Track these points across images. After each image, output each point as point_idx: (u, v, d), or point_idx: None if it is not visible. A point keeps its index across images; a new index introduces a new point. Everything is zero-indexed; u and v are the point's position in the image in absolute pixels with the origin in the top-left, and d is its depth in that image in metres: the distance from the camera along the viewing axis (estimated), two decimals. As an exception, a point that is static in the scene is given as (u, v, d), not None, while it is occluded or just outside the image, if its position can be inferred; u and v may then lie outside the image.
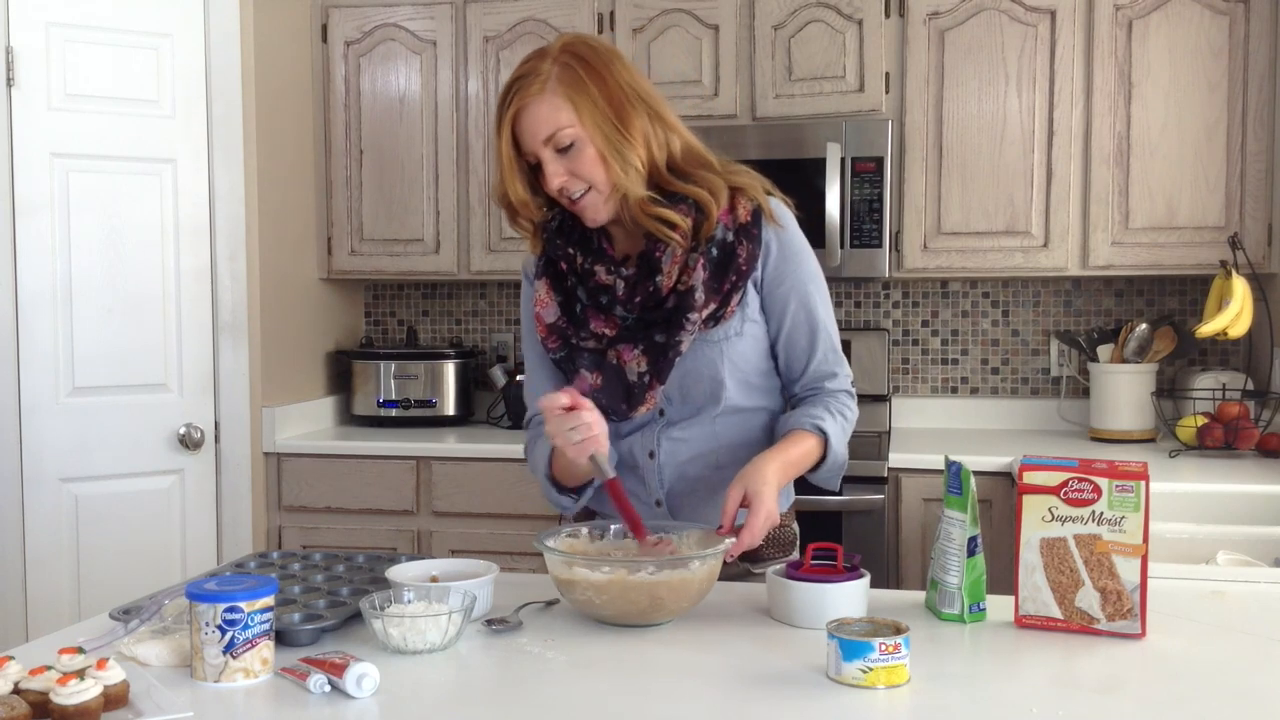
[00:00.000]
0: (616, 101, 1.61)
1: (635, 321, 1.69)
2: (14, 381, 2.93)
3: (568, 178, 1.63)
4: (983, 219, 3.25)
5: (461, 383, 3.67)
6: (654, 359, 1.67)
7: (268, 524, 3.36)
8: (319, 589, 1.60)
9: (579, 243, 1.72)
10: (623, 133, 1.61)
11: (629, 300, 1.68)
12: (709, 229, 1.66)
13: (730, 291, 1.68)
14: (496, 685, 1.33)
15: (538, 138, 1.61)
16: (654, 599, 1.46)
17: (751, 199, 1.70)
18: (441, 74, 3.53)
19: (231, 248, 3.21)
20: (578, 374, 1.70)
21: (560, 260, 1.73)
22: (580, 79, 1.60)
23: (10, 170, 2.90)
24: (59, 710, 1.15)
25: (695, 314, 1.65)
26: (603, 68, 1.62)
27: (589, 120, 1.60)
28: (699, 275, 1.65)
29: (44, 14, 2.93)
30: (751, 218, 1.69)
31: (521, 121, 1.61)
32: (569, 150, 1.61)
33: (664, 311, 1.67)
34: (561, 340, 1.73)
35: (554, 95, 1.59)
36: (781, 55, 3.32)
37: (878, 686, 1.24)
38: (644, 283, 1.67)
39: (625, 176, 1.62)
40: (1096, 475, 1.44)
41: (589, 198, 1.64)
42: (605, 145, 1.60)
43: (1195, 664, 1.35)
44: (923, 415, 3.62)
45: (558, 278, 1.74)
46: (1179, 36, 3.12)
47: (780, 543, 1.81)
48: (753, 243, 1.69)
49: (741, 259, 1.68)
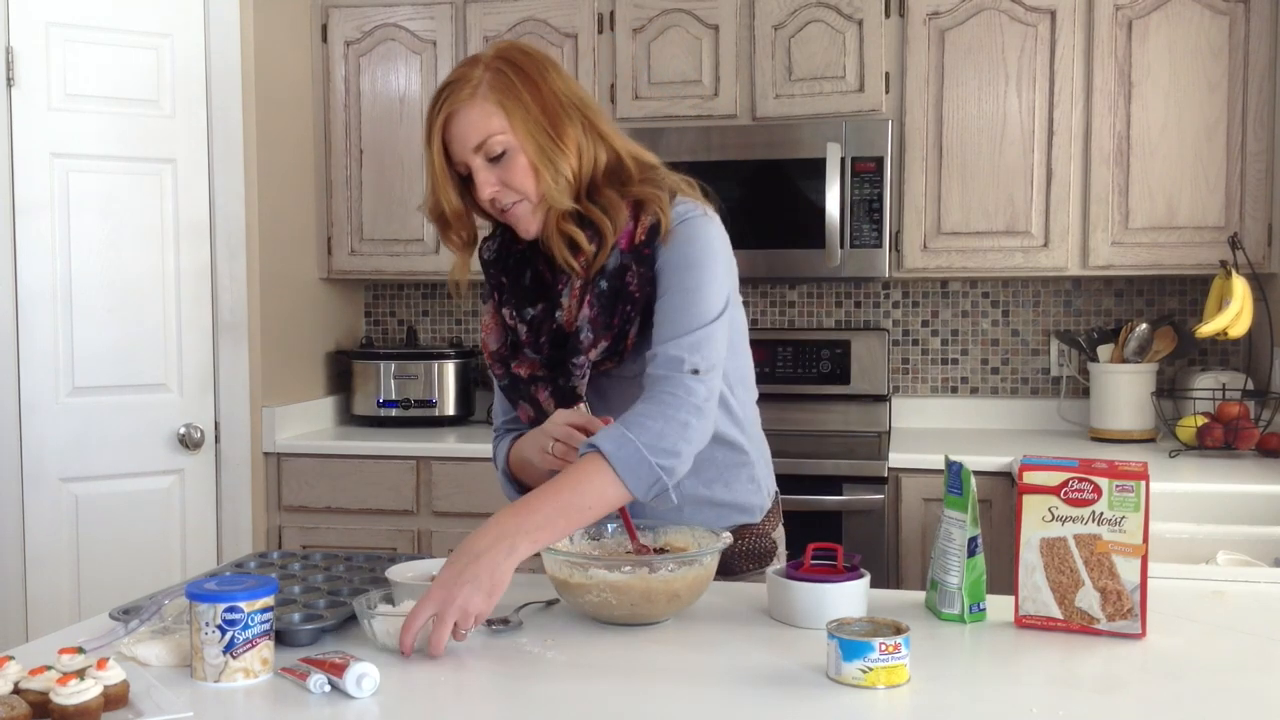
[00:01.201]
0: (550, 109, 1.55)
1: (544, 361, 1.63)
2: (14, 381, 2.93)
3: (499, 188, 1.56)
4: (983, 219, 3.25)
5: (461, 383, 3.67)
6: (559, 401, 1.62)
7: (268, 524, 3.36)
8: (319, 589, 1.59)
9: (511, 271, 1.66)
10: (556, 141, 1.55)
11: (535, 342, 1.63)
12: (602, 258, 1.57)
13: (624, 324, 1.58)
14: (496, 685, 1.33)
15: (468, 145, 1.54)
16: (672, 595, 1.46)
17: (651, 213, 1.58)
18: (441, 74, 3.53)
19: (231, 248, 3.21)
20: (519, 405, 1.68)
21: (495, 290, 1.68)
22: (512, 84, 1.54)
23: (10, 170, 2.90)
24: (59, 710, 1.15)
25: (581, 356, 1.58)
26: (536, 74, 1.56)
27: (521, 128, 1.53)
28: (584, 313, 1.57)
29: (44, 14, 2.93)
30: (646, 236, 1.57)
31: (451, 128, 1.55)
32: (500, 159, 1.55)
33: (564, 351, 1.59)
34: (504, 369, 1.69)
35: (485, 101, 1.53)
36: (781, 55, 3.32)
37: (878, 686, 1.24)
38: (547, 322, 1.61)
39: (555, 186, 1.55)
40: (1096, 475, 1.44)
41: (519, 208, 1.58)
42: (537, 154, 1.54)
43: (1195, 664, 1.35)
44: (923, 415, 3.62)
45: (497, 306, 1.70)
46: (1179, 36, 3.12)
47: (756, 555, 1.75)
48: (644, 264, 1.57)
49: (632, 286, 1.57)
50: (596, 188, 1.59)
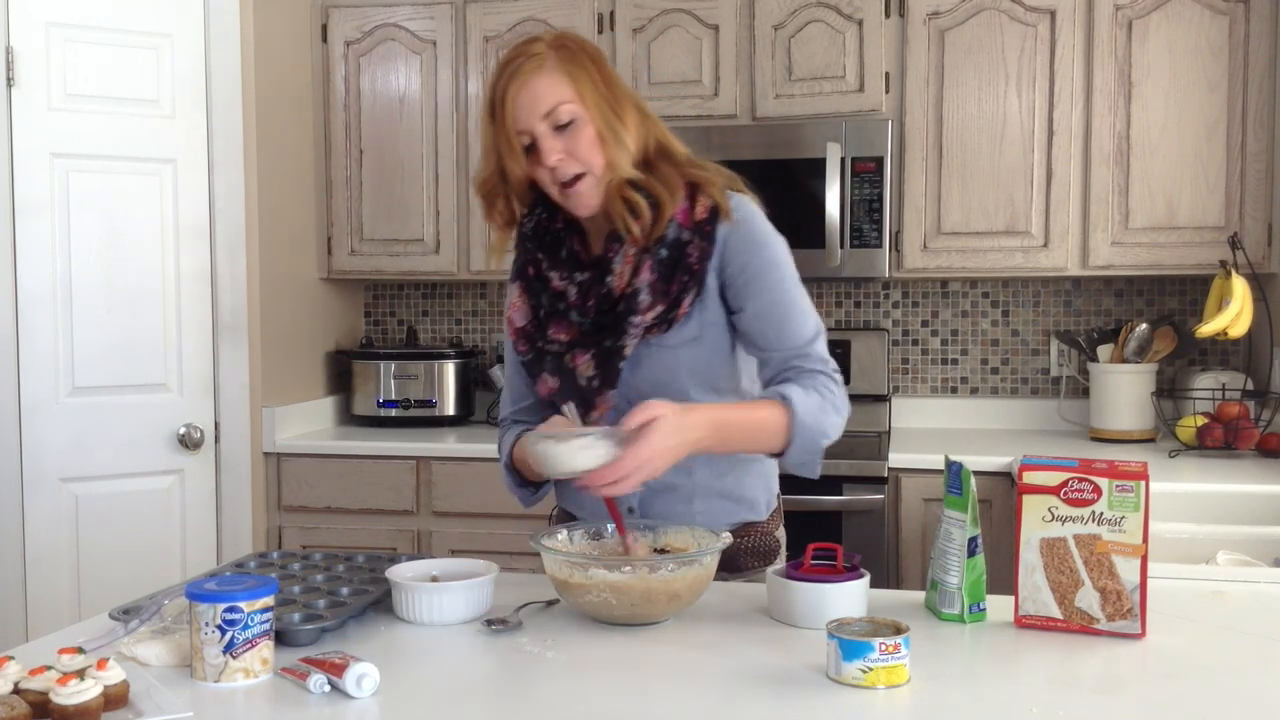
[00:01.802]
0: (612, 85, 1.63)
1: (590, 326, 1.67)
2: (14, 381, 2.93)
3: (564, 156, 1.60)
4: (983, 219, 3.25)
5: (461, 383, 3.67)
6: (601, 363, 1.65)
7: (268, 524, 3.36)
8: (319, 589, 1.60)
9: (548, 247, 1.71)
10: (618, 115, 1.62)
11: (582, 305, 1.67)
12: (660, 229, 1.63)
13: (680, 293, 1.64)
14: (496, 685, 1.33)
15: (536, 112, 1.58)
16: (672, 595, 1.47)
17: (710, 196, 1.66)
18: (441, 74, 3.53)
19: (231, 248, 3.21)
20: (540, 378, 1.71)
21: (529, 265, 1.73)
22: (579, 58, 1.61)
23: (10, 170, 2.90)
24: (59, 710, 1.15)
25: (638, 316, 1.63)
26: (596, 56, 1.64)
27: (589, 98, 1.60)
28: (644, 277, 1.63)
29: (44, 14, 2.93)
30: (708, 215, 1.65)
31: (520, 96, 1.58)
32: (567, 128, 1.59)
33: (614, 315, 1.65)
34: (529, 344, 1.73)
35: (554, 72, 1.59)
36: (781, 55, 3.32)
37: (878, 686, 1.24)
38: (596, 286, 1.66)
39: (618, 154, 1.61)
40: (1096, 475, 1.44)
41: (582, 183, 1.62)
42: (604, 124, 1.60)
43: (1195, 664, 1.35)
44: (923, 415, 3.62)
45: (528, 282, 1.75)
46: (1179, 36, 3.12)
47: (761, 552, 1.78)
48: (706, 240, 1.64)
49: (693, 258, 1.64)
50: (651, 163, 1.66)
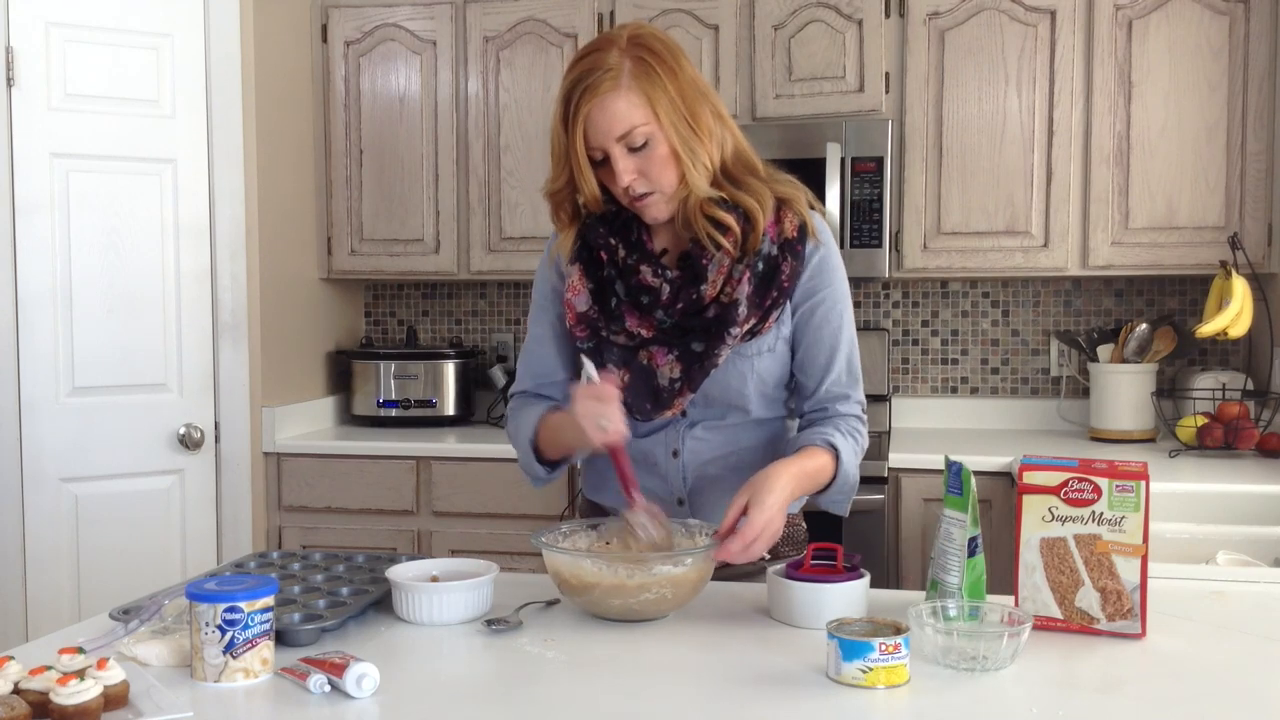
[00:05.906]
0: (688, 97, 1.58)
1: (673, 326, 1.67)
2: (14, 381, 2.93)
3: (637, 176, 1.59)
4: (983, 219, 3.25)
5: (461, 383, 3.67)
6: (688, 366, 1.66)
7: (268, 524, 3.36)
8: (319, 589, 1.59)
9: (619, 233, 1.69)
10: (695, 130, 1.58)
11: (671, 305, 1.66)
12: (755, 242, 1.63)
13: (771, 308, 1.66)
14: (496, 685, 1.33)
15: (611, 135, 1.56)
16: (671, 593, 1.47)
17: (798, 213, 1.67)
18: (441, 74, 3.53)
19: (231, 248, 3.21)
20: (604, 368, 1.68)
21: (600, 249, 1.70)
22: (655, 73, 1.56)
23: (10, 170, 2.90)
24: (59, 710, 1.15)
25: (737, 328, 1.64)
26: (673, 62, 1.58)
27: (665, 119, 1.56)
28: (744, 289, 1.63)
29: (44, 14, 2.93)
30: (798, 234, 1.66)
31: (594, 117, 1.56)
32: (642, 149, 1.58)
33: (703, 320, 1.64)
34: (591, 331, 1.70)
35: (630, 92, 1.55)
36: (781, 55, 3.32)
37: (878, 686, 1.24)
38: (688, 289, 1.64)
39: (695, 174, 1.59)
40: (1096, 475, 1.44)
41: (652, 199, 1.61)
42: (679, 143, 1.57)
43: (1195, 664, 1.35)
44: (923, 415, 3.62)
45: (593, 265, 1.71)
46: (1179, 36, 3.12)
47: (794, 540, 1.82)
48: (797, 260, 1.66)
49: (785, 275, 1.65)
50: (731, 173, 1.65)
